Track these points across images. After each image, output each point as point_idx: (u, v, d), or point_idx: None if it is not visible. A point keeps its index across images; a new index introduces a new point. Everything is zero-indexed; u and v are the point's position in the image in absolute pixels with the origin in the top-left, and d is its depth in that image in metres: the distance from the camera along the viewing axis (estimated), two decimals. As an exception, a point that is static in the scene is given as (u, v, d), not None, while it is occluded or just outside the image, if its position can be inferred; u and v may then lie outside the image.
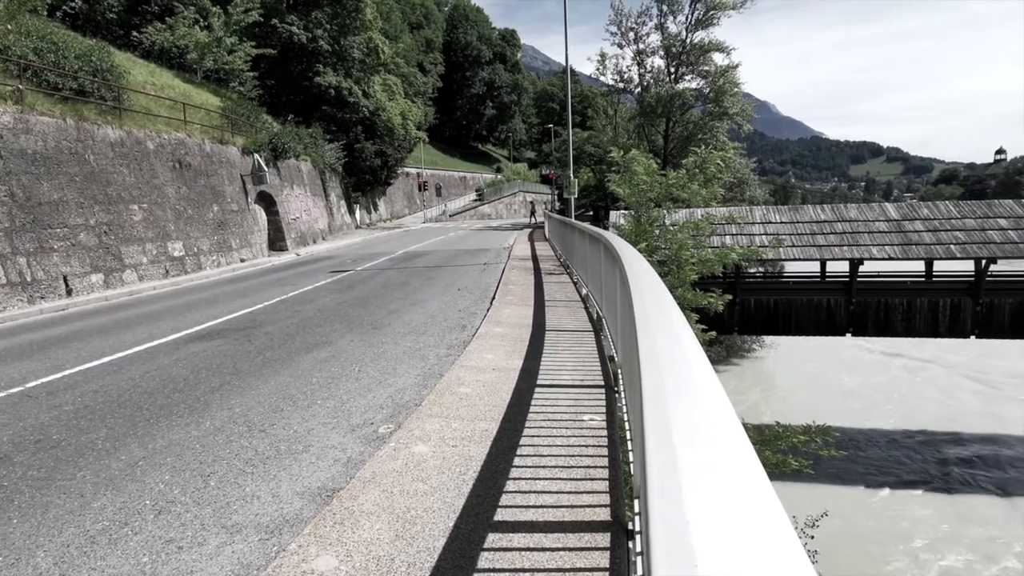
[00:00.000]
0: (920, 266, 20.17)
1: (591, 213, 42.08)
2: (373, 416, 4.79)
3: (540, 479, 3.41)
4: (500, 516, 2.98)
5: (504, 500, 3.14)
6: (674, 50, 37.30)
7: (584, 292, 9.80)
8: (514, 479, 3.40)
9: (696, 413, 1.12)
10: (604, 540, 2.71)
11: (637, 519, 2.20)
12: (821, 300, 20.47)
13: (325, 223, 29.31)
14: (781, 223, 20.83)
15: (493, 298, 10.24)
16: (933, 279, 20.20)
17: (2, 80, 12.29)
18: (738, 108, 35.99)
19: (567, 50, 20.20)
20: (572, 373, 5.52)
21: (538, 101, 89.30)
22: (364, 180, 38.72)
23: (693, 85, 37.74)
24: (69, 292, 12.20)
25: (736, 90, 36.13)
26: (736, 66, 36.33)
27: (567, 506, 3.02)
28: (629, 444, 3.40)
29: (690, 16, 36.52)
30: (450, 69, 74.13)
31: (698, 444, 0.96)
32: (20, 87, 12.40)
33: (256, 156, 21.27)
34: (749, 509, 0.75)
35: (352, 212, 37.39)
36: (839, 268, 20.38)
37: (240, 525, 3.16)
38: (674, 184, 15.74)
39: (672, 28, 37.40)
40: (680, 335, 1.70)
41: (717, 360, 29.11)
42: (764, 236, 20.05)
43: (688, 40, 36.88)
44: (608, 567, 2.51)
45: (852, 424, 22.13)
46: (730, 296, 16.56)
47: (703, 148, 18.52)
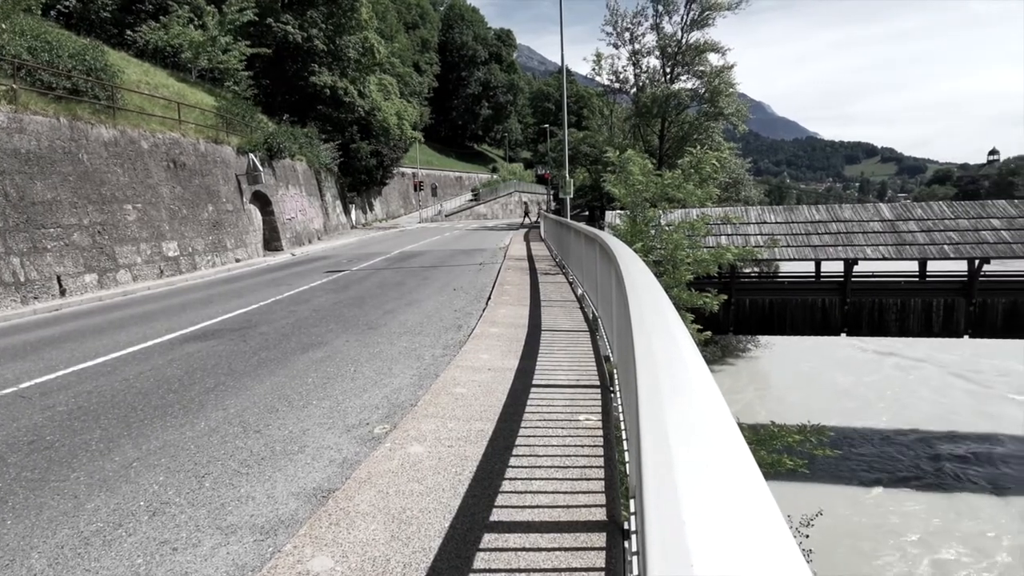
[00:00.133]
0: (914, 266, 20.27)
1: (587, 213, 42.11)
2: (369, 416, 4.79)
3: (536, 479, 3.41)
4: (496, 516, 2.98)
5: (500, 500, 3.14)
6: (670, 50, 37.41)
7: (580, 292, 9.81)
8: (510, 479, 3.40)
9: (692, 413, 1.12)
10: (600, 540, 2.71)
11: (633, 519, 2.21)
12: (816, 300, 20.54)
13: (320, 223, 29.25)
14: (776, 223, 20.89)
15: (489, 298, 10.24)
16: (927, 279, 20.30)
17: (-5, 79, 12.24)
18: (733, 108, 36.12)
19: (563, 50, 20.23)
20: (568, 373, 5.53)
21: (534, 101, 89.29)
22: (360, 180, 38.66)
23: (689, 85, 37.92)
24: (63, 292, 12.14)
25: (731, 90, 36.26)
26: (731, 66, 36.48)
27: (563, 506, 3.02)
28: (625, 444, 3.40)
29: (685, 16, 36.67)
30: (446, 69, 74.09)
31: (693, 444, 0.96)
32: (14, 86, 12.34)
33: (251, 156, 21.20)
34: (744, 509, 0.75)
35: (348, 212, 37.32)
36: (834, 268, 20.45)
37: (235, 526, 3.15)
38: (670, 184, 15.76)
39: (668, 28, 37.55)
40: (675, 335, 1.70)
41: (712, 360, 29.18)
42: (759, 236, 20.11)
43: (683, 40, 37.00)
44: (604, 567, 2.51)
45: (846, 423, 22.20)
46: (725, 296, 16.62)
47: (698, 148, 18.55)
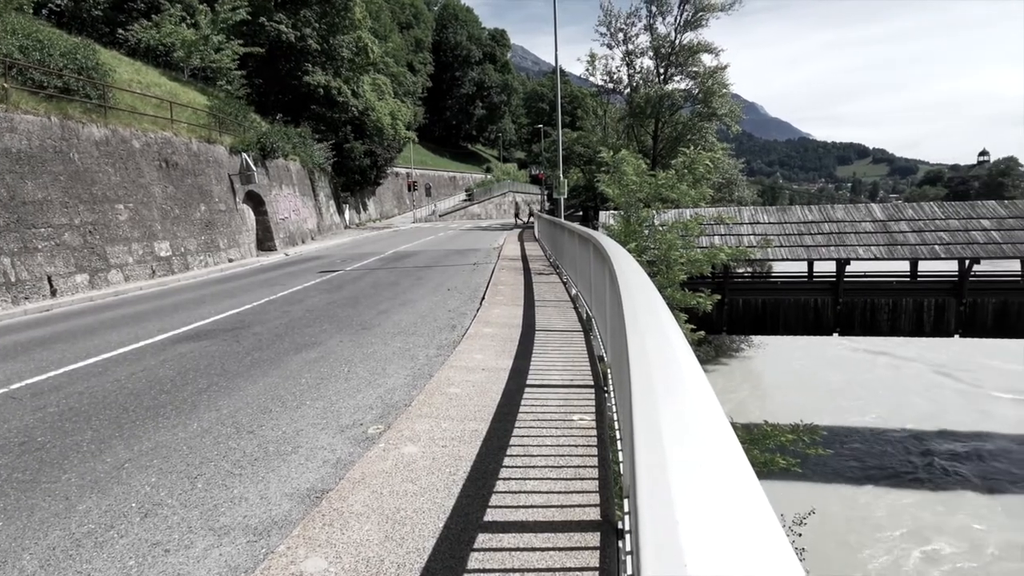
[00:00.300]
0: (905, 266, 20.41)
1: (580, 213, 42.18)
2: (363, 417, 4.78)
3: (530, 479, 3.42)
4: (490, 516, 2.98)
5: (494, 500, 3.14)
6: (663, 51, 37.48)
7: (574, 292, 9.81)
8: (504, 479, 3.40)
9: (685, 413, 1.13)
10: (594, 539, 2.72)
11: (627, 518, 2.21)
12: (808, 300, 20.64)
13: (314, 223, 29.15)
14: (769, 223, 20.98)
15: (483, 298, 10.24)
16: (918, 279, 20.44)
17: (-15, 78, 12.13)
18: (727, 109, 36.22)
19: (556, 50, 20.23)
20: (562, 373, 5.53)
21: (528, 101, 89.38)
22: (353, 180, 38.56)
23: (682, 86, 37.98)
24: (54, 292, 12.05)
25: (725, 91, 36.35)
26: (725, 67, 36.57)
27: (557, 506, 3.03)
28: (619, 444, 3.41)
29: (679, 17, 36.73)
30: (440, 69, 73.99)
31: (687, 444, 0.96)
32: (5, 85, 12.23)
33: (244, 155, 21.11)
34: (737, 508, 0.75)
35: (341, 212, 37.22)
36: (826, 268, 20.57)
37: (228, 527, 3.14)
38: (663, 184, 15.78)
39: (661, 29, 37.62)
40: (669, 335, 1.71)
41: (706, 360, 29.27)
42: (752, 236, 20.19)
43: (677, 41, 37.08)
44: (598, 566, 2.52)
45: (839, 422, 22.35)
46: (719, 296, 16.64)
47: (692, 149, 18.59)
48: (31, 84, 13.18)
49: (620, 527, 2.66)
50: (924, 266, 20.29)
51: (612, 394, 4.20)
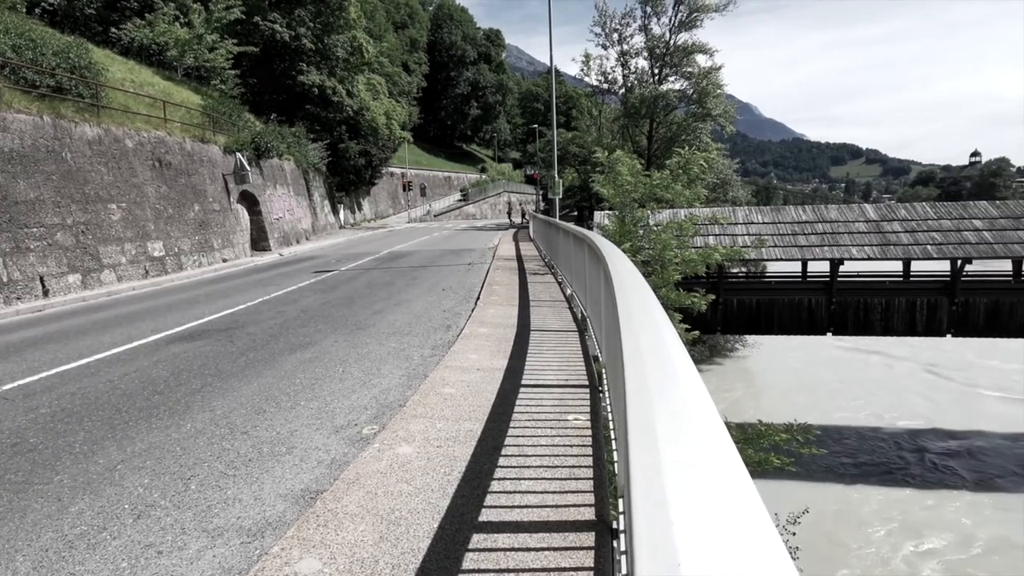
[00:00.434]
0: (898, 266, 20.52)
1: (575, 213, 42.19)
2: (357, 417, 4.77)
3: (525, 479, 3.42)
4: (485, 516, 2.98)
5: (489, 500, 3.14)
6: (658, 51, 37.55)
7: (569, 292, 9.82)
8: (499, 479, 3.40)
9: (679, 412, 1.13)
10: (589, 539, 2.72)
11: (621, 518, 2.21)
12: (802, 300, 20.72)
13: (308, 223, 29.08)
14: (763, 223, 21.05)
15: (478, 298, 10.23)
16: (911, 279, 20.54)
17: (-24, 76, 12.06)
18: (721, 109, 36.33)
19: (551, 51, 20.24)
20: (557, 373, 5.53)
21: (523, 101, 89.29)
22: (348, 180, 38.48)
23: (677, 86, 38.08)
24: (46, 293, 11.98)
25: (719, 91, 36.46)
26: (719, 68, 36.69)
27: (552, 506, 3.03)
28: (613, 444, 3.41)
29: (673, 18, 36.82)
30: (434, 69, 73.88)
31: (681, 444, 0.97)
32: (-4, 84, 12.17)
33: (238, 155, 21.04)
34: (731, 508, 0.75)
35: (336, 212, 37.14)
36: (820, 268, 20.66)
37: (221, 529, 3.12)
38: (658, 185, 15.83)
39: (656, 30, 37.69)
40: (664, 335, 1.71)
41: (700, 359, 29.36)
42: (747, 236, 20.26)
43: (672, 42, 37.16)
44: (593, 566, 2.52)
45: (833, 421, 22.44)
46: (713, 296, 16.71)
47: (686, 149, 18.65)
48: (24, 83, 13.10)
49: (615, 527, 2.67)
50: (917, 266, 20.41)
51: (607, 394, 4.21)
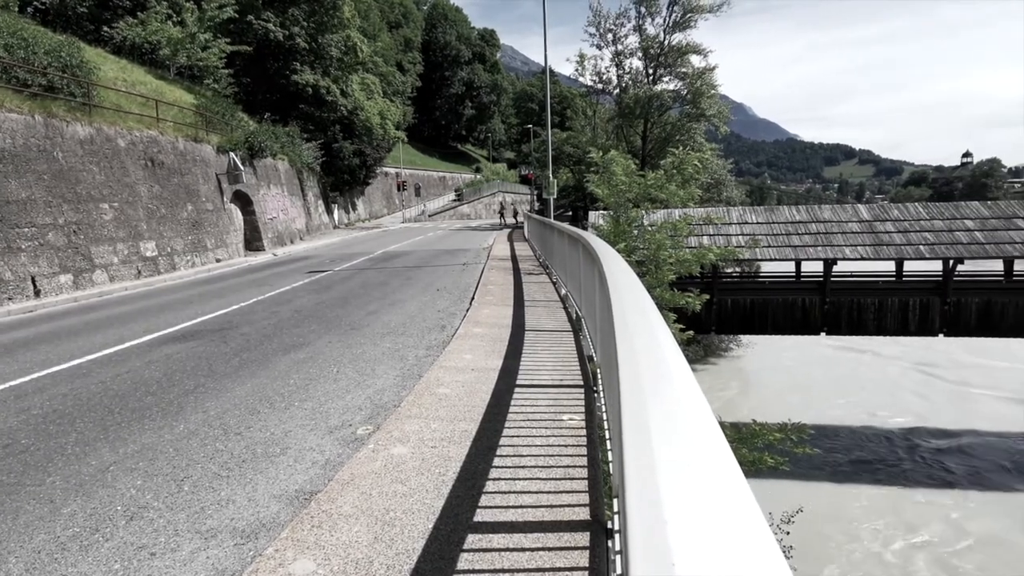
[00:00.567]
0: (891, 266, 20.63)
1: (570, 213, 42.22)
2: (351, 417, 4.75)
3: (520, 479, 3.42)
4: (480, 517, 2.97)
5: (484, 501, 3.14)
6: (652, 52, 37.61)
7: (563, 292, 9.83)
8: (494, 479, 3.40)
9: (673, 412, 1.13)
10: (584, 539, 2.72)
11: (616, 518, 2.22)
12: (796, 299, 20.80)
13: (303, 223, 28.99)
14: (757, 224, 21.12)
15: (472, 298, 10.23)
16: (903, 279, 20.67)
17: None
18: (715, 110, 36.41)
19: (546, 51, 20.26)
20: (551, 373, 5.54)
21: (517, 101, 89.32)
22: (342, 180, 38.39)
23: (671, 87, 38.14)
24: (37, 293, 11.90)
25: (713, 92, 36.54)
26: (713, 68, 36.77)
27: (547, 506, 3.03)
28: (608, 444, 3.42)
29: (668, 18, 36.89)
30: (429, 68, 73.79)
31: (675, 444, 0.97)
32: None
33: (232, 155, 20.95)
34: (725, 508, 0.75)
35: (330, 212, 37.04)
36: (814, 268, 20.75)
37: (215, 530, 3.11)
38: (652, 185, 15.84)
39: (650, 30, 37.76)
40: (658, 335, 1.71)
41: (695, 359, 29.43)
42: (741, 236, 20.33)
43: (666, 42, 37.23)
44: (587, 566, 2.52)
45: (825, 419, 22.54)
46: (707, 296, 16.73)
47: (681, 149, 18.68)
48: (15, 82, 13.00)
49: (610, 527, 2.67)
50: (909, 266, 20.53)
51: (602, 394, 4.21)
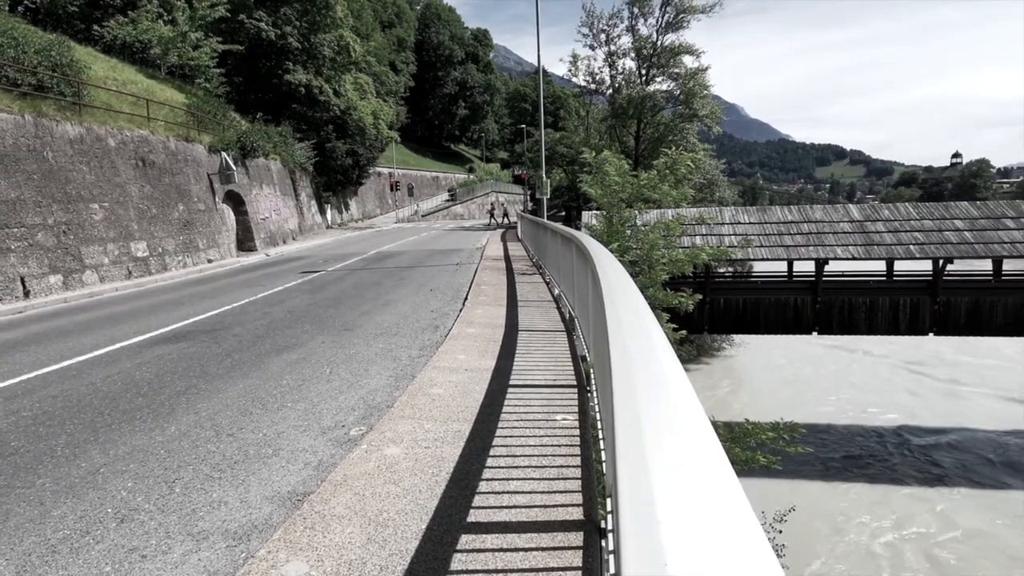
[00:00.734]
0: (882, 266, 20.78)
1: (563, 213, 42.25)
2: (344, 418, 4.74)
3: (513, 479, 3.42)
4: (473, 517, 2.97)
5: (477, 501, 3.13)
6: (645, 52, 37.70)
7: (556, 292, 9.83)
8: (487, 480, 3.39)
9: (666, 412, 1.13)
10: (577, 539, 2.72)
11: (609, 518, 2.22)
12: (788, 299, 20.91)
13: (295, 223, 28.88)
14: (750, 224, 21.22)
15: (466, 298, 10.22)
16: (894, 279, 20.82)
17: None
18: (708, 110, 36.54)
19: (539, 51, 20.25)
20: (545, 373, 5.54)
21: (510, 101, 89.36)
22: (335, 180, 38.26)
23: (664, 87, 38.25)
24: (27, 294, 11.79)
25: (706, 92, 36.67)
26: (706, 68, 36.89)
27: (540, 506, 3.03)
28: (601, 443, 3.42)
29: (660, 19, 36.98)
30: (422, 68, 73.66)
31: (668, 443, 0.97)
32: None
33: (224, 154, 20.84)
34: (718, 507, 0.76)
35: (323, 212, 36.92)
36: (805, 268, 20.87)
37: (207, 532, 3.09)
38: (645, 185, 15.90)
39: (643, 30, 37.84)
40: (651, 335, 1.71)
41: (688, 359, 29.53)
42: (733, 236, 20.41)
43: (659, 42, 37.32)
44: (581, 565, 2.52)
45: (817, 417, 22.69)
46: (700, 296, 16.80)
47: (674, 149, 18.74)
48: (5, 81, 12.88)
49: (603, 526, 2.67)
50: (900, 266, 20.68)
51: (595, 394, 4.22)
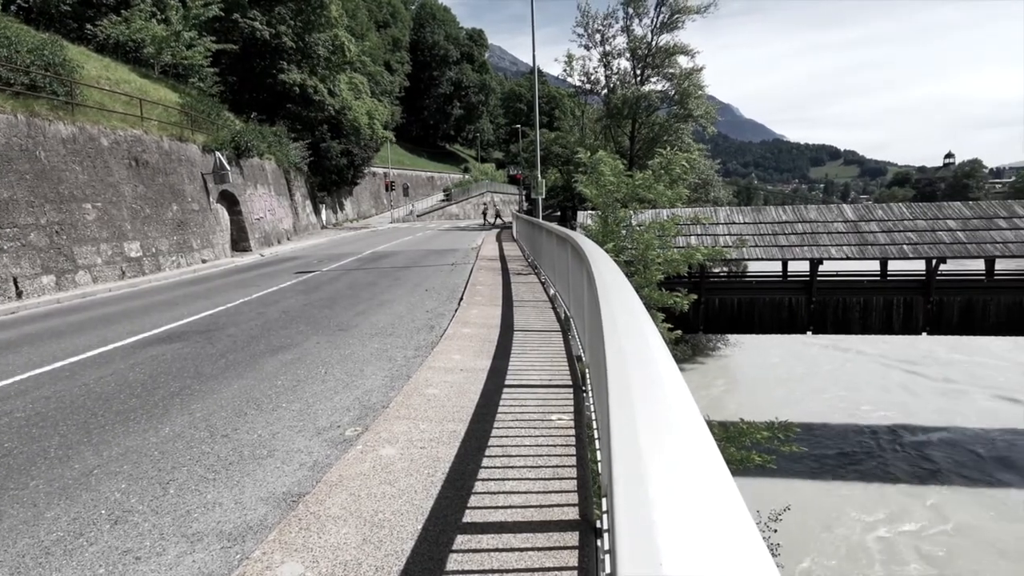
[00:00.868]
0: (876, 266, 20.87)
1: (559, 213, 42.29)
2: (340, 419, 4.73)
3: (509, 479, 3.41)
4: (469, 517, 2.97)
5: (473, 501, 3.13)
6: (640, 52, 37.79)
7: (552, 292, 9.84)
8: (483, 480, 3.39)
9: (661, 412, 1.13)
10: (573, 539, 2.72)
11: (605, 517, 2.22)
12: (783, 299, 20.98)
13: (290, 223, 28.80)
14: (744, 223, 21.28)
15: (461, 298, 10.21)
16: (887, 278, 20.91)
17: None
18: (702, 110, 36.65)
19: (534, 51, 20.27)
20: (540, 373, 5.54)
21: (506, 101, 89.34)
22: (330, 180, 38.18)
23: (659, 87, 38.36)
24: (19, 294, 11.72)
25: (700, 92, 36.78)
26: (700, 69, 37.00)
27: (536, 506, 3.03)
28: (597, 443, 3.42)
29: (655, 19, 37.09)
30: (417, 68, 73.60)
31: (663, 443, 0.97)
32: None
33: (218, 154, 20.76)
34: (713, 507, 0.76)
35: (318, 212, 36.83)
36: (800, 268, 20.94)
37: (201, 533, 3.08)
38: (640, 185, 15.90)
39: (638, 31, 37.95)
40: (646, 335, 1.71)
41: (683, 359, 29.58)
42: (728, 236, 20.46)
43: (653, 43, 37.42)
44: (576, 565, 2.52)
45: (810, 416, 22.76)
46: (695, 295, 16.82)
47: (669, 149, 18.75)
48: (-4, 81, 12.82)
49: (598, 526, 2.68)
50: (893, 265, 20.78)
51: (590, 394, 4.22)
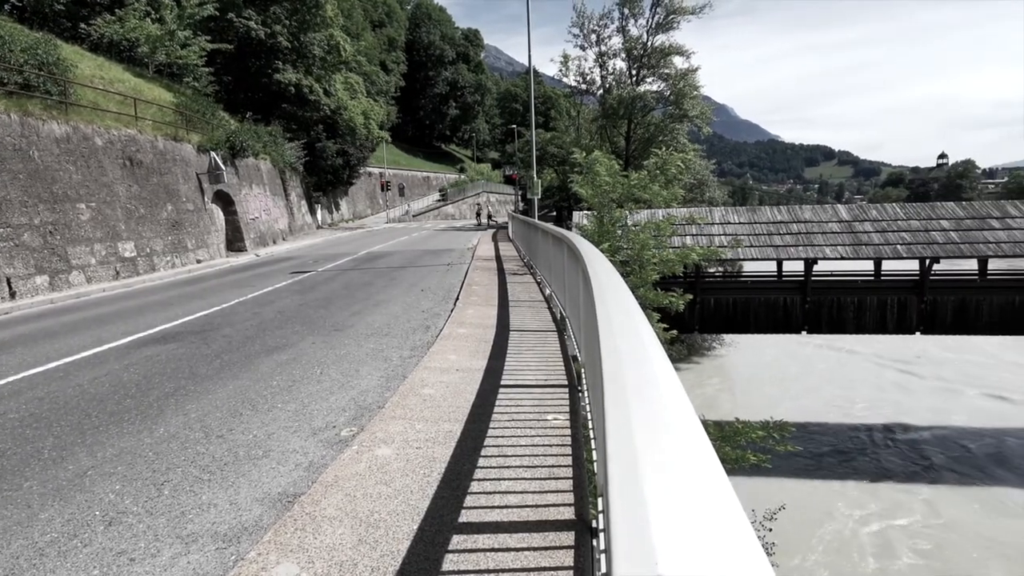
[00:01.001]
0: (870, 265, 20.97)
1: (554, 213, 42.32)
2: (335, 419, 4.72)
3: (505, 479, 3.41)
4: (465, 518, 2.97)
5: (469, 501, 3.13)
6: (635, 53, 37.86)
7: (548, 292, 9.84)
8: (479, 480, 3.39)
9: (657, 412, 1.13)
10: (569, 539, 2.73)
11: (601, 517, 2.22)
12: (778, 299, 21.06)
13: (285, 223, 28.72)
14: (740, 224, 21.34)
15: (457, 299, 10.21)
16: (881, 278, 21.02)
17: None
18: (698, 111, 36.75)
19: (530, 51, 20.27)
20: (536, 373, 5.54)
21: (501, 102, 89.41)
22: (326, 180, 38.10)
23: (654, 87, 38.46)
24: (12, 295, 11.66)
25: (696, 93, 36.88)
26: (696, 69, 37.10)
27: (532, 506, 3.03)
28: (592, 443, 3.43)
29: (651, 20, 37.17)
30: (413, 68, 73.53)
31: (659, 443, 0.97)
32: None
33: (212, 154, 20.70)
34: (708, 507, 0.76)
35: (313, 212, 36.74)
36: (795, 268, 21.02)
37: (196, 534, 3.07)
38: (636, 185, 15.93)
39: (633, 31, 38.02)
40: (642, 335, 1.72)
41: (679, 358, 29.65)
42: (723, 236, 20.52)
43: (649, 43, 37.50)
44: (572, 565, 2.53)
45: (806, 416, 22.84)
46: (691, 295, 16.86)
47: (664, 150, 18.81)
48: (-12, 80, 12.75)
49: (594, 526, 2.68)
50: (887, 265, 20.89)
51: (586, 393, 4.22)
